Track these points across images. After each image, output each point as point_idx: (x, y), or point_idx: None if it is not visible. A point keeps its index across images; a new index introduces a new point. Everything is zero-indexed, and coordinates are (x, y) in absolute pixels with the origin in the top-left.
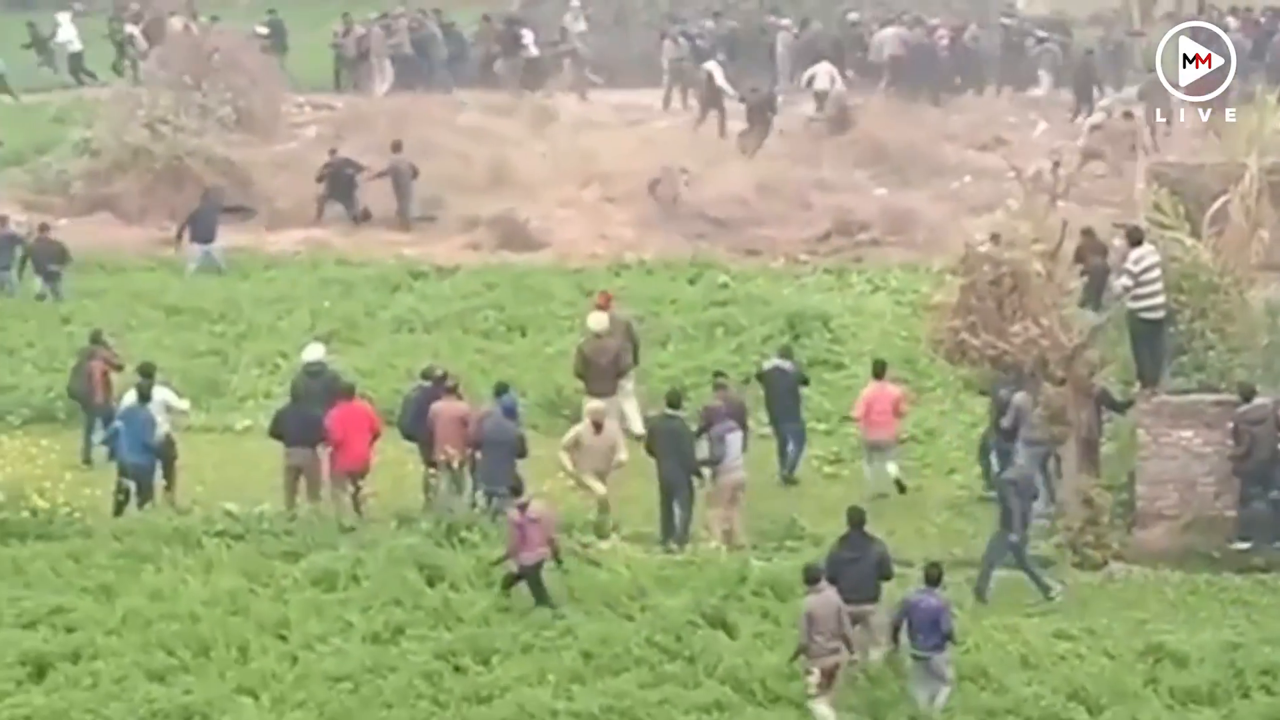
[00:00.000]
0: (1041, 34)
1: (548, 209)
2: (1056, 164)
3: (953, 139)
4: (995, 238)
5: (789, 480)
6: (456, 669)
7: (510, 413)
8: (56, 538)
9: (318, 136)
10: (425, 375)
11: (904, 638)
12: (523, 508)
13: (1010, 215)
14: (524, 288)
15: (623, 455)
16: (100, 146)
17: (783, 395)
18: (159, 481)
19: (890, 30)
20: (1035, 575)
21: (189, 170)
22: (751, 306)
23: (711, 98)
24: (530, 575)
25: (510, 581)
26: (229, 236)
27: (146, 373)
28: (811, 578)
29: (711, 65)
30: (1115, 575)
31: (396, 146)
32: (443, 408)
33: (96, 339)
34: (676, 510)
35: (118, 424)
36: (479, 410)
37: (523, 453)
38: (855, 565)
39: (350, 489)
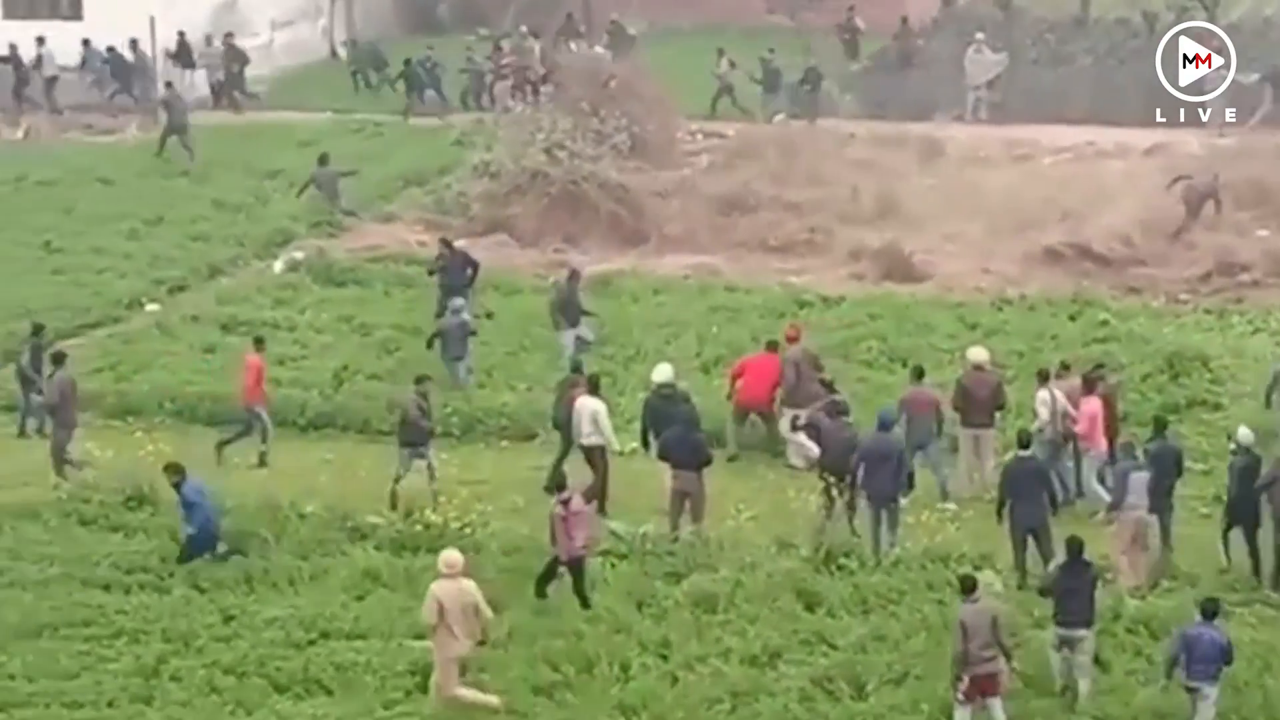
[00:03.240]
0: None
1: (932, 242)
2: None
3: None
4: None
5: None
6: (831, 695)
7: (885, 427)
8: None
9: (709, 165)
10: (839, 410)
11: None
12: (565, 502)
13: None
14: (906, 319)
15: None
16: (499, 169)
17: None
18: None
19: None
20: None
21: (584, 195)
22: (1132, 344)
23: None
24: (574, 569)
25: (547, 575)
26: (616, 260)
27: (593, 384)
28: (966, 588)
29: None
30: None
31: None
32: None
33: (578, 368)
34: (1038, 548)
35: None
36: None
37: (909, 470)
38: (1075, 593)
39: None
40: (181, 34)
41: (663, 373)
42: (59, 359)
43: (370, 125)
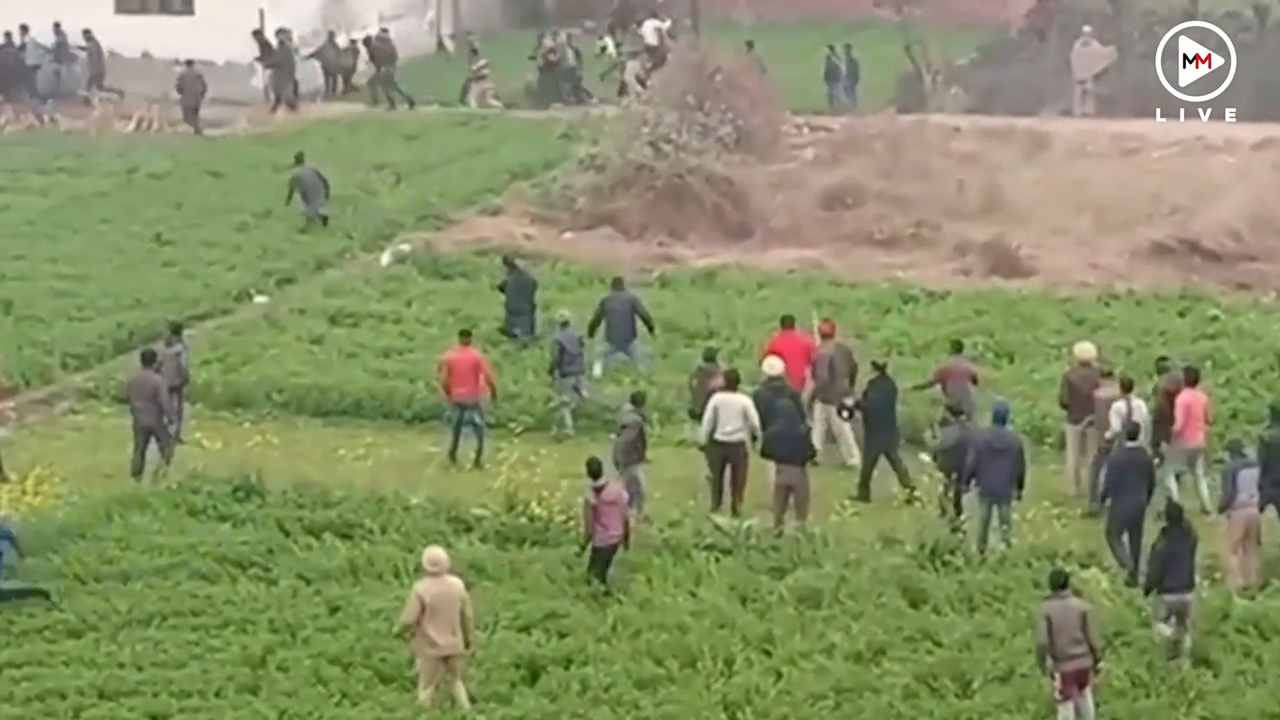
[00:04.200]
0: None
1: (1039, 236)
2: None
3: None
4: None
5: None
6: (936, 693)
7: (1001, 420)
8: (552, 544)
9: (815, 158)
10: (952, 410)
11: None
12: (599, 490)
13: None
14: (1013, 314)
15: None
16: (605, 163)
17: None
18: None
19: None
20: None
21: (689, 188)
22: (1241, 341)
23: None
24: (601, 558)
25: (594, 566)
26: (721, 253)
27: (733, 378)
28: (1057, 583)
29: None
30: None
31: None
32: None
33: (710, 357)
34: (1130, 543)
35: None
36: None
37: (1021, 464)
38: (1177, 557)
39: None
40: (256, 31)
41: (774, 365)
42: (148, 358)
43: (477, 118)
